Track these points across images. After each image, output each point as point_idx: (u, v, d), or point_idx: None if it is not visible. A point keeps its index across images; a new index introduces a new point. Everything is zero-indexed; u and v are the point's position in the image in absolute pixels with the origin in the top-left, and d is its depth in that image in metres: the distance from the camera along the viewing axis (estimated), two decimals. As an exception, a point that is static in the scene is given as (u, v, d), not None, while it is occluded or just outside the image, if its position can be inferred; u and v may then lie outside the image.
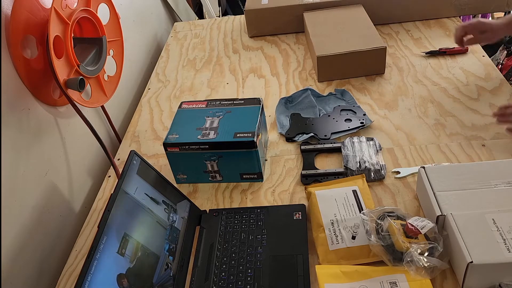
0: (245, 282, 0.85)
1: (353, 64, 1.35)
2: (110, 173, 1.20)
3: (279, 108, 1.29)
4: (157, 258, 0.84)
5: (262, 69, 1.51)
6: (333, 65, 1.35)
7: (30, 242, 0.96)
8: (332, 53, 1.33)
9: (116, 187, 0.81)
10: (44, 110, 1.04)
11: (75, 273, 0.96)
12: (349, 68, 1.36)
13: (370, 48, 1.31)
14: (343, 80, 1.38)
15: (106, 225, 0.75)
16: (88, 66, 1.06)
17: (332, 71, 1.37)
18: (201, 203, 1.05)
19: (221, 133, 1.02)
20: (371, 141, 1.11)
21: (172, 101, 1.44)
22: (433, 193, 0.86)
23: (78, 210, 1.15)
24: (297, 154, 1.14)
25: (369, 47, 1.31)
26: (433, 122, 1.17)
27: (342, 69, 1.36)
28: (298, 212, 0.96)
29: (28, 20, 0.96)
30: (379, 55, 1.32)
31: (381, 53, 1.32)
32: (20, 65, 0.95)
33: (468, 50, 1.35)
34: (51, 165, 1.05)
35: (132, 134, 1.32)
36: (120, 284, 0.74)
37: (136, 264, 0.79)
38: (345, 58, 1.33)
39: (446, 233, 0.80)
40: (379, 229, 0.82)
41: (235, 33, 1.76)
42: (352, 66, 1.35)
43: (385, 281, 0.78)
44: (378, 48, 1.31)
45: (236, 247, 0.92)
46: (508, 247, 0.74)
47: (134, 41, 1.63)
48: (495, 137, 1.09)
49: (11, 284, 0.90)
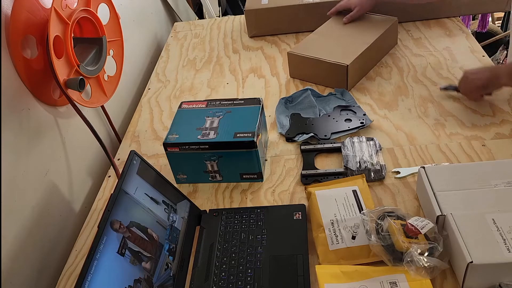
0: (245, 282, 0.85)
1: (317, 71, 1.36)
2: (110, 173, 1.20)
3: (279, 108, 1.29)
4: (157, 258, 0.84)
5: (262, 69, 1.51)
6: (303, 65, 1.39)
7: (30, 242, 0.96)
8: (302, 54, 1.36)
9: (116, 187, 0.81)
10: (44, 110, 1.04)
11: (75, 273, 0.96)
12: (315, 73, 1.37)
13: (333, 61, 1.30)
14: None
15: (106, 225, 0.75)
16: (88, 66, 1.06)
17: (301, 71, 1.41)
18: (201, 203, 1.05)
19: (221, 133, 1.02)
20: (371, 141, 1.11)
21: (172, 101, 1.44)
22: (433, 193, 0.86)
23: (78, 210, 1.15)
24: (297, 154, 1.14)
25: (333, 60, 1.30)
26: (433, 122, 1.17)
27: (310, 72, 1.38)
28: (298, 212, 0.96)
29: (28, 20, 0.96)
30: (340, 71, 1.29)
31: (342, 70, 1.28)
32: (20, 65, 0.95)
33: (491, 94, 1.19)
34: (51, 165, 1.05)
35: (132, 134, 1.32)
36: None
37: (136, 264, 0.79)
38: (310, 63, 1.35)
39: (446, 233, 0.80)
40: (379, 229, 0.82)
41: (235, 33, 1.76)
42: (317, 72, 1.36)
43: (385, 281, 0.78)
44: (340, 63, 1.28)
45: (236, 247, 0.92)
46: (508, 247, 0.74)
47: (134, 41, 1.63)
48: (495, 137, 1.09)
49: (11, 284, 0.90)
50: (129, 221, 0.80)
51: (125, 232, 0.79)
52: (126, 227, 0.79)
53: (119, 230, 0.78)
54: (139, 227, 0.83)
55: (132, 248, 0.79)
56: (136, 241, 0.80)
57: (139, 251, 0.80)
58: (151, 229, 0.85)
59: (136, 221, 0.82)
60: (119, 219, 0.78)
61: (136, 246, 0.80)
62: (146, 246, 0.82)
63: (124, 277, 0.75)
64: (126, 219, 0.80)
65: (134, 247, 0.79)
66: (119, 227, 0.78)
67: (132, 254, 0.78)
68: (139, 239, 0.81)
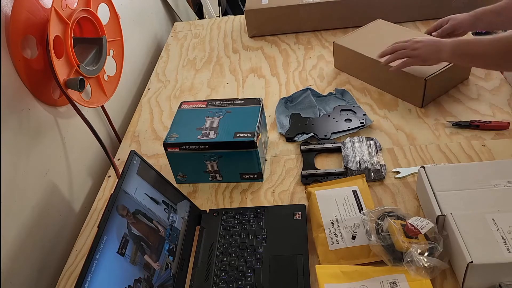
0: (245, 282, 0.85)
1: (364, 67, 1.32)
2: (110, 173, 1.20)
3: (279, 108, 1.29)
4: (157, 258, 0.84)
5: (262, 69, 1.51)
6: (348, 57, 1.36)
7: (30, 242, 0.96)
8: (347, 47, 1.34)
9: (116, 187, 0.81)
10: (44, 110, 1.04)
11: (75, 273, 0.96)
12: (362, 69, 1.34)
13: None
14: (343, 80, 1.38)
15: (106, 225, 0.75)
16: (88, 66, 1.06)
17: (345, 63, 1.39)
18: (201, 203, 1.05)
19: (221, 133, 1.02)
20: (371, 141, 1.11)
21: (172, 101, 1.44)
22: (433, 193, 0.86)
23: (78, 210, 1.15)
24: (297, 154, 1.14)
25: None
26: (433, 122, 1.17)
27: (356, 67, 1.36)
28: (298, 212, 0.96)
29: (28, 20, 0.96)
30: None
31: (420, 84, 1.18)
32: (20, 65, 0.95)
33: (509, 127, 1.10)
34: (51, 165, 1.05)
35: (132, 134, 1.32)
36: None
37: (136, 264, 0.79)
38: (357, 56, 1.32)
39: (446, 233, 0.80)
40: (379, 229, 0.82)
41: (235, 33, 1.76)
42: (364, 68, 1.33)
43: (385, 281, 0.78)
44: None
45: (236, 247, 0.92)
46: (508, 247, 0.74)
47: (134, 41, 1.63)
48: (495, 137, 1.09)
49: (11, 284, 0.90)
50: (123, 233, 0.79)
51: (130, 218, 0.80)
52: (132, 213, 0.81)
53: (125, 216, 0.79)
54: (146, 216, 0.84)
55: (135, 233, 0.80)
56: (140, 227, 0.81)
57: (142, 238, 0.81)
58: (156, 221, 0.86)
59: (142, 211, 0.83)
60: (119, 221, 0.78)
61: (139, 232, 0.81)
62: (150, 235, 0.83)
63: (124, 277, 0.75)
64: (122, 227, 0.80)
65: (137, 232, 0.80)
66: (126, 213, 0.79)
67: (134, 242, 0.79)
68: (144, 226, 0.82)
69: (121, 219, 0.78)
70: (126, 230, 0.79)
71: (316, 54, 1.54)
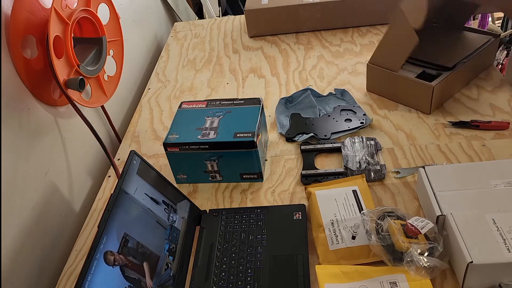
0: (245, 282, 0.85)
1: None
2: (110, 173, 1.20)
3: (279, 108, 1.29)
4: (157, 258, 0.84)
5: (262, 69, 1.51)
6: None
7: (30, 242, 0.96)
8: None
9: (116, 187, 0.81)
10: (44, 110, 1.04)
11: (75, 273, 0.96)
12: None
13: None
14: (344, 80, 1.38)
15: (106, 225, 0.75)
16: (88, 66, 1.06)
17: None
18: (201, 203, 1.05)
19: (221, 133, 1.02)
20: (371, 141, 1.11)
21: (172, 101, 1.44)
22: (433, 193, 0.86)
23: (78, 210, 1.15)
24: (297, 154, 1.14)
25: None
26: (433, 122, 1.17)
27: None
28: (298, 212, 0.96)
29: (28, 20, 0.96)
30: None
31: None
32: (20, 65, 0.95)
33: (509, 127, 1.10)
34: (51, 165, 1.05)
35: (132, 134, 1.32)
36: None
37: (136, 264, 0.79)
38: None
39: (446, 233, 0.80)
40: (379, 229, 0.82)
41: (235, 33, 1.76)
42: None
43: (385, 281, 0.78)
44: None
45: (236, 247, 0.92)
46: (508, 247, 0.74)
47: (134, 41, 1.63)
48: (495, 137, 1.09)
49: (11, 284, 0.90)
50: (123, 233, 0.77)
51: (122, 261, 0.76)
52: (120, 254, 0.76)
53: (115, 263, 0.75)
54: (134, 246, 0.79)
55: (130, 276, 0.76)
56: (134, 268, 0.78)
57: (140, 279, 0.78)
58: (145, 242, 0.82)
59: (130, 235, 0.79)
60: (119, 221, 0.78)
61: (135, 274, 0.78)
62: (147, 260, 0.81)
63: (124, 277, 0.75)
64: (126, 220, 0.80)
65: (133, 274, 0.77)
66: (114, 259, 0.75)
67: (135, 284, 0.77)
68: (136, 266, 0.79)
69: (117, 235, 0.75)
70: (123, 243, 0.76)
71: (316, 54, 1.54)
